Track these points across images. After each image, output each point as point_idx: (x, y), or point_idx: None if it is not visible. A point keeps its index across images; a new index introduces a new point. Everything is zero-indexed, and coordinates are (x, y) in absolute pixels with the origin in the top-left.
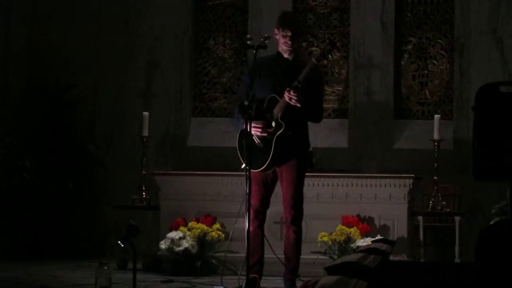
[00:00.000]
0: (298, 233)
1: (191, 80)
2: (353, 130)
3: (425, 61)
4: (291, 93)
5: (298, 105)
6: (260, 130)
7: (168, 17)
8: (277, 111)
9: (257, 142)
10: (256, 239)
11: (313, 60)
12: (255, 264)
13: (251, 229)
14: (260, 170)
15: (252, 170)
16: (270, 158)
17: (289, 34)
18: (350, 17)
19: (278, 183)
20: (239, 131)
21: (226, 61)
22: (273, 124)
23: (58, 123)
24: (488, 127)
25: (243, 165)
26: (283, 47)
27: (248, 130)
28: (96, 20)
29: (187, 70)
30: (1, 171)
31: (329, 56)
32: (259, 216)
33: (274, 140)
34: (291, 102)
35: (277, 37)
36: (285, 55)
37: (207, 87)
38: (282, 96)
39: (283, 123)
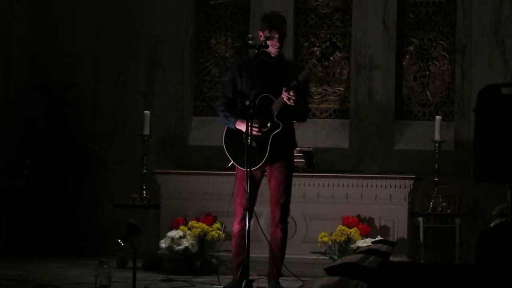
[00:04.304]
0: (285, 231)
1: (193, 79)
2: (354, 130)
3: (426, 62)
4: (291, 93)
5: (294, 105)
6: (256, 129)
7: (169, 16)
8: (273, 110)
9: (249, 141)
10: (244, 237)
11: (314, 61)
12: (242, 263)
13: (239, 228)
14: (254, 169)
15: (241, 169)
16: (266, 157)
17: (277, 36)
18: (352, 18)
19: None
20: (225, 129)
21: (227, 61)
22: (269, 123)
23: (59, 121)
24: (489, 128)
25: (230, 163)
26: (271, 48)
27: (249, 129)
28: (98, 18)
29: (189, 69)
30: (1, 169)
31: (331, 58)
32: (248, 215)
33: (270, 139)
34: (288, 102)
35: (262, 38)
36: (272, 54)
37: (208, 87)
38: (273, 94)
39: (280, 123)
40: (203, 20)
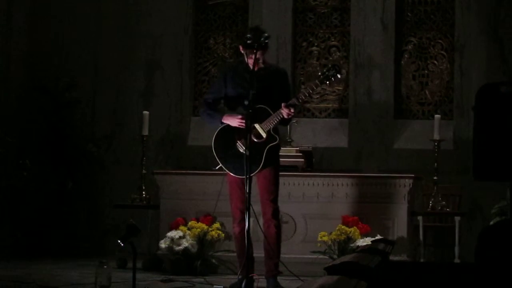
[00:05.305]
0: (278, 227)
1: (191, 79)
2: (353, 130)
3: (425, 61)
4: (291, 110)
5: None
6: (241, 123)
7: (168, 16)
8: (269, 123)
9: (242, 150)
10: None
11: (317, 82)
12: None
13: (239, 229)
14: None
15: (231, 174)
16: (260, 167)
17: (257, 57)
18: (350, 17)
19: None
20: (216, 131)
21: (226, 61)
22: (264, 135)
23: (58, 122)
24: (488, 127)
25: (218, 166)
26: (250, 65)
27: (249, 127)
28: (97, 19)
29: (187, 69)
30: (0, 170)
31: (332, 79)
32: (245, 217)
33: (265, 151)
34: (286, 117)
35: (243, 52)
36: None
37: (207, 86)
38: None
39: (277, 136)
40: (202, 20)
